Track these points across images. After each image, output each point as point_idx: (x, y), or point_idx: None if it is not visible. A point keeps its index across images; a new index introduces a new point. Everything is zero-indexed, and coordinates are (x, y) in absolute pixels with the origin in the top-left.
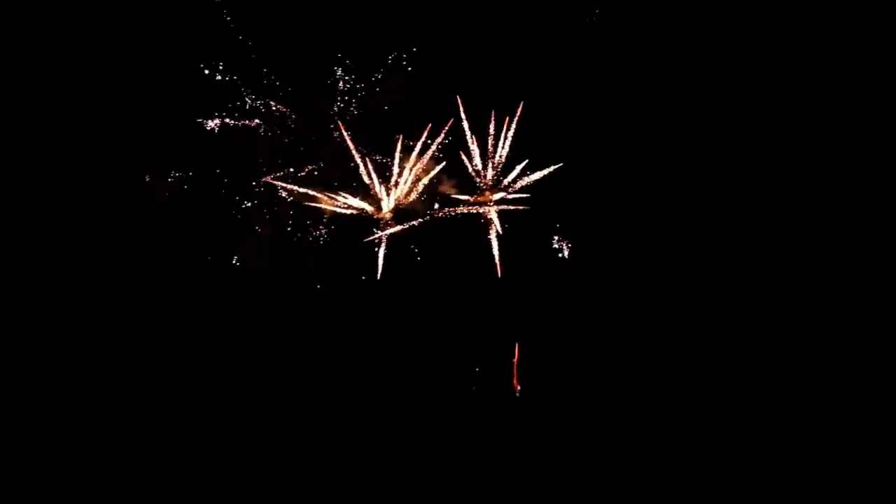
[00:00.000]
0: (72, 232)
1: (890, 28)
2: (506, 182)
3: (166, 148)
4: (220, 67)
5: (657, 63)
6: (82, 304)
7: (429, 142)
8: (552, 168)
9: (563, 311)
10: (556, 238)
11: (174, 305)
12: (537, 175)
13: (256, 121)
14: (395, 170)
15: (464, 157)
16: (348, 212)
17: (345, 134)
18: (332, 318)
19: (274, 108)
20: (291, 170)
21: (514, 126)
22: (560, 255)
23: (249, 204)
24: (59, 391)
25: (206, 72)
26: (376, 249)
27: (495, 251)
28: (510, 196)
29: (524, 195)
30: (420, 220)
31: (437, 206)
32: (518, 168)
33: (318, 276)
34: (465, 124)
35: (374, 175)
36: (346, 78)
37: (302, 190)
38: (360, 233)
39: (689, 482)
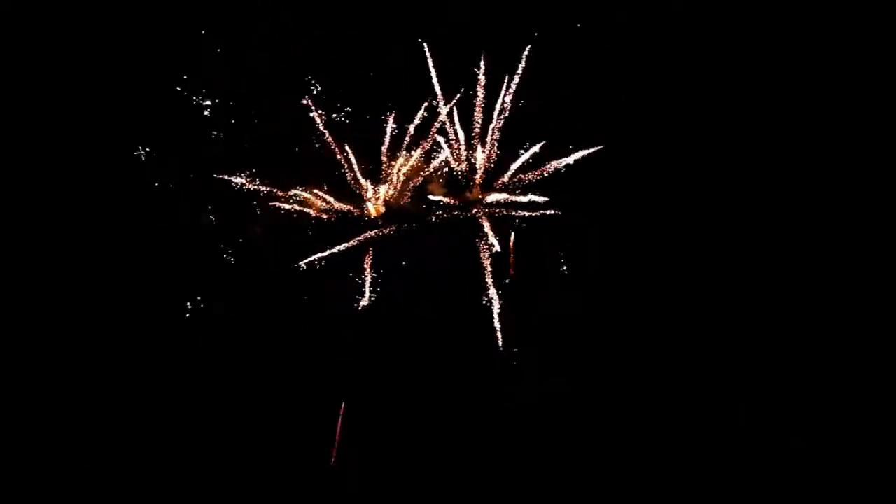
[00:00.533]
0: (72, 233)
1: (890, 28)
2: (499, 184)
3: (163, 149)
4: (216, 67)
5: (654, 64)
6: (83, 304)
7: (417, 142)
8: (548, 168)
9: (559, 312)
10: (551, 239)
11: (174, 305)
12: (532, 175)
13: (255, 122)
14: (385, 170)
15: (451, 159)
16: (334, 215)
17: (329, 139)
18: (329, 319)
19: (273, 111)
20: (285, 171)
21: (504, 117)
22: (555, 256)
23: (243, 206)
24: (60, 390)
25: (201, 72)
26: (364, 255)
27: (485, 254)
28: (502, 197)
29: (517, 198)
30: (410, 221)
31: (427, 205)
32: (513, 168)
33: (313, 276)
34: (455, 126)
35: (359, 176)
36: (338, 80)
37: (293, 192)
38: (350, 234)
39: (686, 483)
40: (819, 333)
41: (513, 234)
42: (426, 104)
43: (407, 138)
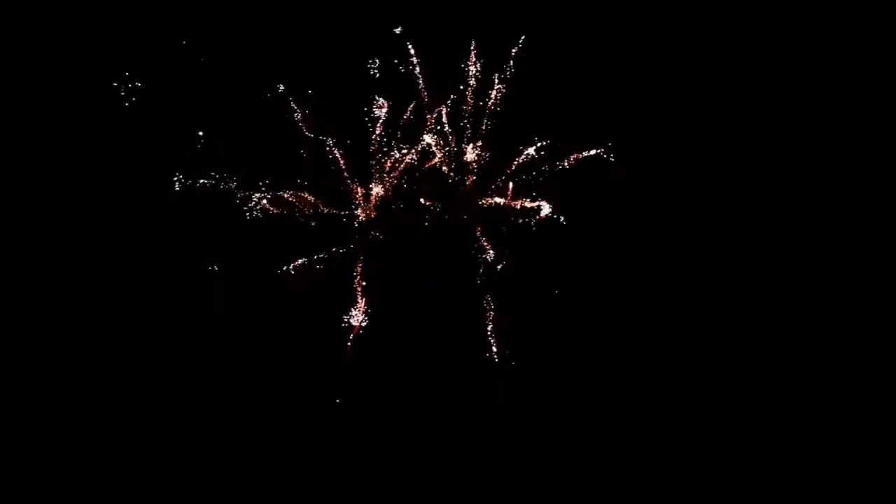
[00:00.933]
0: (71, 232)
1: (890, 28)
2: (494, 184)
3: (163, 149)
4: (212, 66)
5: (654, 64)
6: (82, 304)
7: (410, 144)
8: (545, 168)
9: (557, 313)
10: (548, 240)
11: (174, 305)
12: (529, 176)
13: (252, 123)
14: (375, 172)
15: (444, 160)
16: (323, 218)
17: (320, 141)
18: (322, 323)
19: (270, 112)
20: (277, 173)
21: (500, 118)
22: (553, 257)
23: (236, 207)
24: (59, 391)
25: (199, 71)
26: (355, 258)
27: (479, 256)
28: (497, 199)
29: (513, 201)
30: (401, 223)
31: (419, 207)
32: (509, 169)
33: (303, 280)
34: (446, 128)
35: (349, 179)
36: (336, 80)
37: (284, 194)
38: (340, 237)
39: (685, 484)
40: (819, 334)
41: (511, 185)
42: (421, 105)
43: (396, 140)
